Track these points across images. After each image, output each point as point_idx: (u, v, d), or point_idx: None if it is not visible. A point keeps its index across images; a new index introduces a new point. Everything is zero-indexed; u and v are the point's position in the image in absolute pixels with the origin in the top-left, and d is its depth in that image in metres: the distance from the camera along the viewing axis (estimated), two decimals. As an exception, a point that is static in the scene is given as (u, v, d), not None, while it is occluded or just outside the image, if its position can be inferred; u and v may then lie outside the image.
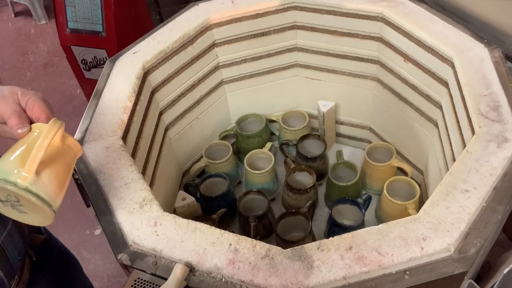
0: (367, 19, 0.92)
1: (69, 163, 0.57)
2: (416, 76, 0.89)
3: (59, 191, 0.54)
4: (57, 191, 0.53)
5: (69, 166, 0.57)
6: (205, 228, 0.61)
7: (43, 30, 2.77)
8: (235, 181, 1.10)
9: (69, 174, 0.57)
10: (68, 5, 1.50)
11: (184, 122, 1.03)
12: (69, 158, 0.57)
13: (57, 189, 0.53)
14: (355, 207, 0.93)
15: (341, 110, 1.13)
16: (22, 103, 0.57)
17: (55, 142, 0.54)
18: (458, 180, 0.61)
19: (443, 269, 0.54)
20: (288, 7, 0.98)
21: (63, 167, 0.55)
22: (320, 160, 1.03)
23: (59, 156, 0.55)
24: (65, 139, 0.57)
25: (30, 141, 0.54)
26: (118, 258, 0.60)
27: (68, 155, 0.57)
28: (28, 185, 0.50)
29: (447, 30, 0.83)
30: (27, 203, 0.52)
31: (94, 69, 1.59)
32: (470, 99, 0.71)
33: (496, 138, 0.65)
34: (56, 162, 0.54)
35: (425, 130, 0.93)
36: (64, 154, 0.56)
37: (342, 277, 0.54)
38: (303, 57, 1.07)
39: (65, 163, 0.56)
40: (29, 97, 0.57)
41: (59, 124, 0.54)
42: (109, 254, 1.55)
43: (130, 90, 0.81)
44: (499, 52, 0.79)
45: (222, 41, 1.01)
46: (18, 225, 0.71)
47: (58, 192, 0.54)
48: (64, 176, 0.55)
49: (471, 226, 0.57)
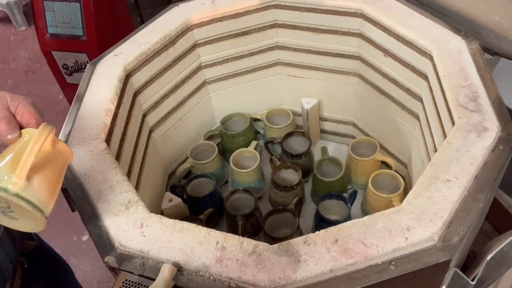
0: (346, 16, 0.93)
1: (61, 168, 0.57)
2: (397, 71, 0.90)
3: (50, 197, 0.53)
4: (48, 197, 0.53)
5: (61, 171, 0.57)
6: (192, 227, 0.61)
7: (23, 37, 2.74)
8: (221, 180, 1.10)
9: (61, 180, 0.56)
10: (47, 10, 1.48)
11: (168, 123, 1.03)
12: (60, 164, 0.57)
13: (48, 195, 0.53)
14: (341, 202, 0.94)
15: (324, 106, 1.14)
16: (11, 109, 0.56)
17: (45, 147, 0.54)
18: (440, 170, 0.62)
19: (428, 258, 0.55)
20: (268, 6, 0.99)
21: (54, 172, 0.55)
22: (305, 157, 1.04)
23: (50, 161, 0.55)
24: (56, 144, 0.56)
25: (20, 147, 0.53)
26: (105, 261, 0.60)
27: (59, 160, 0.56)
28: (19, 191, 0.50)
29: (425, 24, 0.84)
30: (18, 209, 0.51)
31: (75, 74, 1.57)
32: (449, 90, 0.73)
33: (476, 128, 0.67)
34: (47, 167, 0.54)
35: (407, 123, 0.94)
36: (55, 159, 0.56)
37: (329, 270, 0.54)
38: (285, 55, 1.08)
39: (56, 168, 0.56)
40: (19, 102, 0.57)
41: (49, 129, 0.53)
42: (98, 260, 1.53)
43: (112, 93, 0.81)
44: (477, 44, 0.80)
45: (204, 41, 1.01)
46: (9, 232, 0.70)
47: (49, 198, 0.53)
48: (55, 181, 0.55)
49: (453, 215, 0.58)
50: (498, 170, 0.62)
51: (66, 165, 0.58)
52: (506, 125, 0.67)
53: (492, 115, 0.68)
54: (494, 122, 0.67)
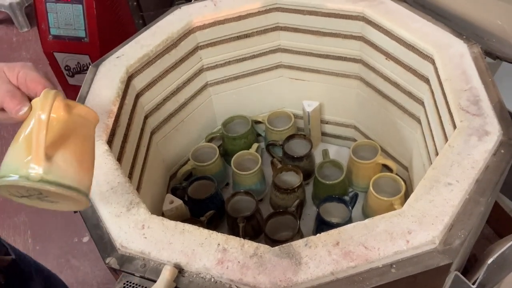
0: (348, 19, 0.94)
1: (86, 134, 0.49)
2: (398, 74, 0.90)
3: (82, 170, 0.47)
4: (80, 171, 0.47)
5: (87, 138, 0.49)
6: (193, 229, 0.61)
7: (25, 38, 2.74)
8: (222, 182, 1.11)
9: (91, 148, 0.50)
10: (49, 11, 1.48)
11: (170, 125, 1.03)
12: (84, 129, 0.49)
13: (79, 169, 0.46)
14: (342, 205, 0.94)
15: (325, 109, 1.14)
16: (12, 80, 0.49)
17: (59, 116, 0.46)
18: (441, 173, 0.62)
19: (429, 261, 0.55)
20: (270, 9, 0.99)
21: (79, 142, 0.48)
22: (306, 159, 1.04)
23: (70, 131, 0.47)
24: (72, 109, 0.48)
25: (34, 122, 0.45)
26: (106, 262, 0.60)
27: (82, 126, 0.49)
28: (43, 175, 0.43)
29: (427, 27, 0.85)
30: (50, 193, 0.45)
31: (77, 75, 1.57)
32: (451, 94, 0.73)
33: (477, 131, 0.67)
34: (69, 139, 0.47)
35: (409, 126, 0.94)
36: (76, 127, 0.48)
37: (330, 273, 0.54)
38: (287, 57, 1.08)
39: (80, 136, 0.48)
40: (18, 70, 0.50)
41: (53, 94, 0.45)
42: (98, 261, 1.53)
43: (114, 95, 0.81)
44: (478, 48, 0.80)
45: (206, 44, 1.01)
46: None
47: (82, 172, 0.47)
48: (84, 151, 0.48)
49: (455, 218, 0.58)
50: (499, 174, 0.62)
51: (92, 129, 0.51)
52: (507, 129, 0.67)
53: (494, 119, 0.68)
54: (495, 125, 0.67)
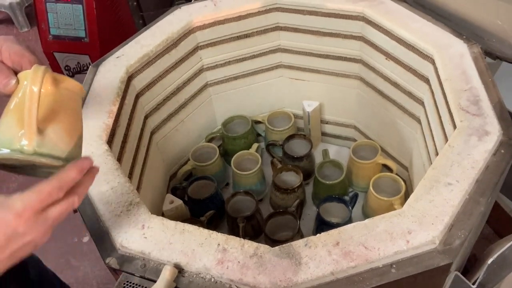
0: (348, 19, 0.94)
1: (73, 107, 0.51)
2: (398, 74, 0.90)
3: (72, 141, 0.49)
4: (70, 142, 0.49)
5: (74, 110, 0.51)
6: (193, 229, 0.61)
7: (25, 38, 2.74)
8: (222, 183, 1.11)
9: (78, 119, 0.52)
10: (49, 11, 1.48)
11: (169, 125, 1.03)
12: (71, 102, 0.51)
13: (69, 140, 0.49)
14: (342, 205, 0.94)
15: (325, 109, 1.14)
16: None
17: (47, 90, 0.48)
18: (441, 173, 0.62)
19: (429, 261, 0.55)
20: (270, 9, 0.99)
21: (68, 114, 0.50)
22: (306, 159, 1.04)
23: (59, 104, 0.49)
24: (60, 83, 0.50)
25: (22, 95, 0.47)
26: (106, 262, 0.60)
27: (69, 99, 0.51)
28: (36, 148, 0.45)
29: (427, 27, 0.85)
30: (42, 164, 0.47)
31: (78, 75, 1.57)
32: (451, 94, 0.73)
33: (477, 131, 0.67)
34: (59, 112, 0.49)
35: (409, 126, 0.94)
36: (64, 100, 0.50)
37: (330, 273, 0.54)
38: (287, 57, 1.08)
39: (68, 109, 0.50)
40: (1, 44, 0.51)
41: (43, 69, 0.47)
42: (98, 261, 1.53)
43: (114, 95, 0.81)
44: (478, 48, 0.80)
45: (206, 44, 1.01)
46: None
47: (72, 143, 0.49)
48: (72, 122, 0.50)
49: (455, 218, 0.58)
50: (499, 174, 0.62)
51: (79, 101, 0.53)
52: (507, 129, 0.67)
53: (494, 118, 0.68)
54: (495, 125, 0.67)
